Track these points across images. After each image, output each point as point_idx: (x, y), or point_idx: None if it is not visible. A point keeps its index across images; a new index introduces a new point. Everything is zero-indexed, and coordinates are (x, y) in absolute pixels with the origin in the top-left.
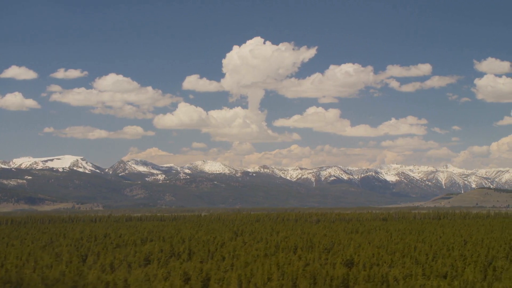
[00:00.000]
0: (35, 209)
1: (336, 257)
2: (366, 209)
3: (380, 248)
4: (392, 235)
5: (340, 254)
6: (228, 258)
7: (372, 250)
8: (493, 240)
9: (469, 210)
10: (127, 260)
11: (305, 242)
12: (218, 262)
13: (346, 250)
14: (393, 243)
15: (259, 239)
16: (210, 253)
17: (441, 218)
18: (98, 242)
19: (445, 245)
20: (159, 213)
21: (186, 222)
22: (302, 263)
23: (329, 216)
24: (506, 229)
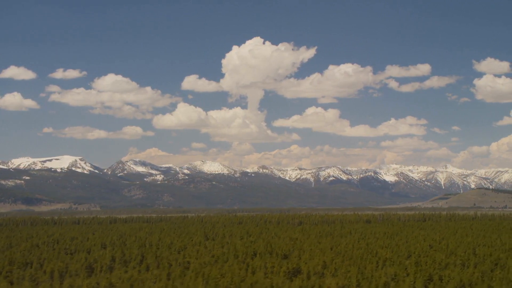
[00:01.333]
0: (32, 210)
1: (285, 265)
2: (365, 209)
3: (338, 254)
4: (360, 240)
5: (292, 261)
6: (173, 266)
7: (329, 256)
8: (461, 245)
9: (465, 210)
10: (68, 268)
11: (266, 248)
12: (159, 271)
13: (301, 256)
14: (355, 249)
15: (224, 243)
16: (158, 260)
17: (426, 220)
18: (56, 247)
19: (407, 250)
20: (154, 214)
21: (167, 224)
22: (236, 274)
23: (313, 218)
24: (485, 232)
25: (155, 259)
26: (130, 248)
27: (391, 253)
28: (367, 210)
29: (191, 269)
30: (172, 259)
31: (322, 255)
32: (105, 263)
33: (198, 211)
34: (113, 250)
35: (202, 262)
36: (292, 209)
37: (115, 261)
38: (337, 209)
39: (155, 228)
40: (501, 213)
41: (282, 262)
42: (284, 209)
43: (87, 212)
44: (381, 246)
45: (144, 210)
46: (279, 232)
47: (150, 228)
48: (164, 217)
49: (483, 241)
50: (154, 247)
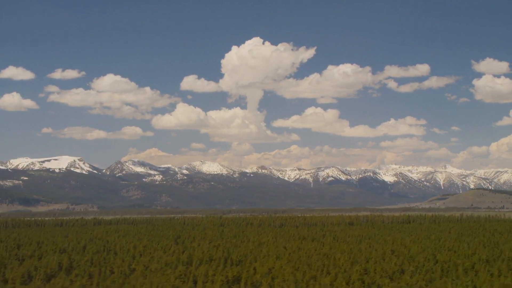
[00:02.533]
0: (30, 210)
1: (229, 272)
2: (361, 209)
3: (290, 261)
4: (325, 244)
5: (238, 268)
6: (115, 274)
7: (281, 262)
8: (427, 249)
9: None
10: (5, 277)
11: (223, 253)
12: (90, 280)
13: (253, 263)
14: (315, 254)
15: (188, 247)
16: (100, 267)
17: (411, 222)
18: (13, 253)
19: (366, 256)
20: (148, 215)
21: (147, 226)
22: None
23: (296, 220)
24: (461, 235)
25: (100, 266)
26: (83, 254)
27: (348, 259)
28: (364, 211)
29: (120, 277)
30: (117, 266)
31: (274, 261)
32: (46, 271)
33: (195, 212)
34: (62, 256)
35: (148, 269)
36: (289, 210)
37: (61, 268)
38: (334, 210)
39: (132, 230)
40: (492, 214)
41: (228, 270)
42: (280, 210)
43: (84, 213)
44: (343, 251)
45: (139, 210)
46: (252, 235)
47: (126, 230)
48: (150, 218)
49: (450, 245)
50: (111, 252)
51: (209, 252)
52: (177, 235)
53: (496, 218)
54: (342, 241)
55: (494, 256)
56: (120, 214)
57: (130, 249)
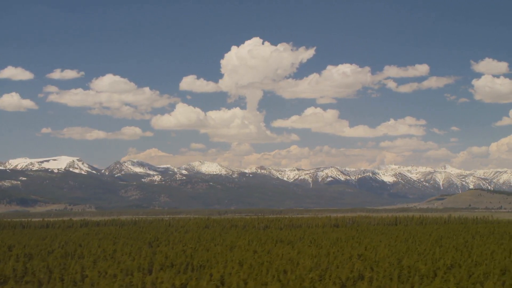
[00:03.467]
0: (27, 211)
1: (179, 279)
2: (357, 210)
3: (250, 267)
4: (296, 248)
5: (193, 275)
6: (65, 281)
7: (238, 268)
8: (394, 254)
9: (459, 211)
10: None
11: (185, 258)
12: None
13: (212, 268)
14: (278, 259)
15: (159, 251)
16: (49, 274)
17: (397, 223)
18: None
19: (329, 261)
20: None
21: (131, 228)
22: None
23: (281, 222)
24: (440, 238)
25: (55, 272)
26: (46, 259)
27: (311, 263)
28: (360, 211)
29: (69, 285)
30: (72, 272)
31: (233, 267)
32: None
33: (192, 212)
34: (9, 263)
35: (101, 276)
36: (286, 211)
37: (16, 275)
38: (332, 210)
39: (113, 233)
40: (484, 215)
41: (181, 276)
42: (277, 211)
43: (81, 213)
44: (311, 255)
45: (136, 211)
46: (230, 238)
47: (107, 233)
48: (138, 219)
49: (422, 248)
50: (76, 257)
51: (172, 257)
52: (155, 238)
53: (484, 220)
54: (316, 244)
55: (460, 261)
56: (116, 215)
57: (98, 253)
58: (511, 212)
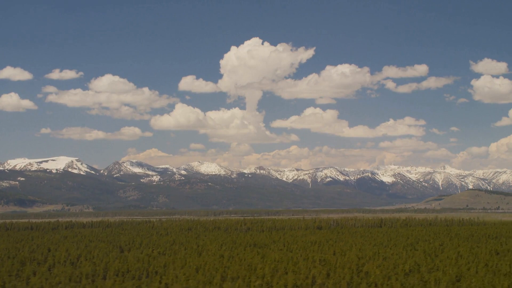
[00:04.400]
0: (25, 211)
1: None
2: (353, 211)
3: (203, 274)
4: (261, 253)
5: (139, 282)
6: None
7: (188, 274)
8: (360, 259)
9: (454, 212)
10: None
11: (142, 264)
12: None
13: (164, 275)
14: (238, 264)
15: (117, 257)
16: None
17: (382, 225)
18: None
19: (286, 267)
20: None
21: (114, 230)
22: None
23: (264, 223)
24: (417, 241)
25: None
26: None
27: (268, 269)
28: (356, 212)
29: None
30: (10, 281)
31: (184, 274)
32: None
33: (189, 213)
34: None
35: (42, 283)
36: (281, 211)
37: None
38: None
39: (91, 235)
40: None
41: (125, 284)
42: (273, 211)
43: (78, 214)
44: (274, 260)
45: (130, 212)
46: (203, 242)
47: (85, 235)
48: (127, 220)
49: (390, 253)
50: (35, 263)
51: (130, 263)
52: (131, 241)
53: (470, 222)
54: (287, 248)
55: (421, 267)
56: (111, 216)
57: (61, 258)
58: (506, 213)
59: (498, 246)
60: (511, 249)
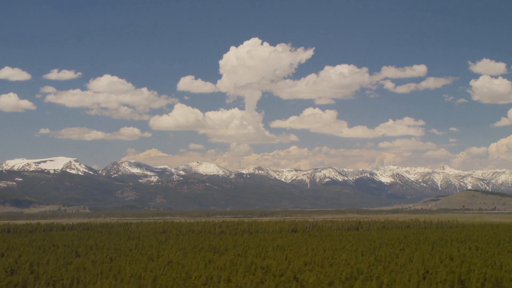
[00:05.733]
0: (22, 212)
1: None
2: (347, 211)
3: (130, 281)
4: (212, 258)
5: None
6: None
7: (114, 283)
8: (306, 265)
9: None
10: None
11: (77, 272)
12: None
13: (93, 284)
14: (175, 272)
15: (63, 263)
16: None
17: (359, 228)
18: None
19: (221, 273)
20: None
21: (90, 233)
22: None
23: (240, 226)
24: (380, 245)
25: None
26: None
27: (204, 277)
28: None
29: None
30: None
31: (111, 282)
32: None
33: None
34: None
35: None
36: (276, 212)
37: None
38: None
39: (59, 239)
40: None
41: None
42: (268, 212)
43: (74, 215)
44: (216, 267)
45: (124, 212)
46: (164, 247)
47: (52, 239)
48: (110, 222)
49: (340, 258)
50: None
51: (67, 272)
52: (94, 245)
53: (449, 224)
54: (244, 253)
55: (360, 275)
56: (104, 216)
57: (10, 264)
58: (501, 214)
59: (455, 251)
60: (467, 254)
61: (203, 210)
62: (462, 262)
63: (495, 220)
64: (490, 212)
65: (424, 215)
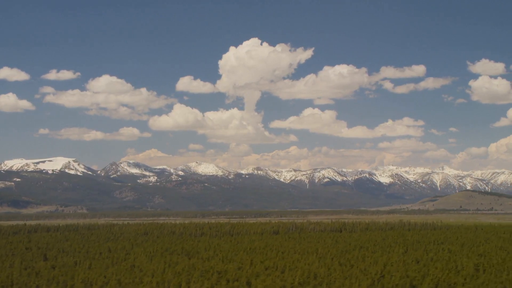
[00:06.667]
0: (19, 212)
1: None
2: (349, 212)
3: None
4: (169, 262)
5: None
6: None
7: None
8: (267, 269)
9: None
10: None
11: (35, 277)
12: None
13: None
14: (131, 275)
15: (22, 268)
16: None
17: (342, 230)
18: None
19: (177, 278)
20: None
21: (69, 235)
22: None
23: (223, 227)
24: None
25: None
26: None
27: (155, 280)
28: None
29: None
30: None
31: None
32: None
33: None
34: None
35: None
36: (271, 212)
37: None
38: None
39: (35, 241)
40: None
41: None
42: (264, 212)
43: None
44: (173, 272)
45: (119, 213)
46: (138, 249)
47: (29, 241)
48: (96, 224)
49: (302, 263)
50: None
51: (22, 277)
52: (69, 247)
53: (433, 226)
54: (209, 257)
55: (314, 279)
56: (98, 217)
57: None
58: (497, 214)
59: (425, 254)
60: (434, 257)
61: (201, 210)
62: (423, 266)
63: (487, 221)
64: (487, 212)
65: (419, 216)
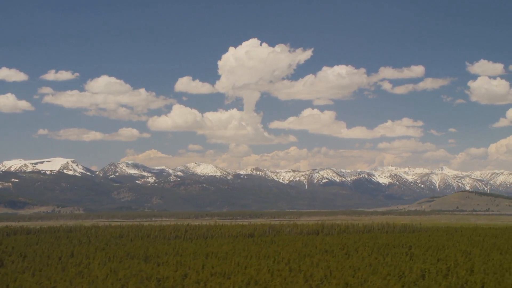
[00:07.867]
0: (17, 213)
1: None
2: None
3: None
4: (132, 264)
5: None
6: None
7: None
8: (222, 272)
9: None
10: None
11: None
12: None
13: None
14: (84, 279)
15: None
16: None
17: (319, 232)
18: None
19: (129, 282)
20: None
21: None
22: None
23: (199, 230)
24: (318, 252)
25: None
26: None
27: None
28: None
29: None
30: None
31: None
32: None
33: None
34: None
35: None
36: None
37: None
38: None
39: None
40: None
41: None
42: (258, 213)
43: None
44: (117, 279)
45: (113, 214)
46: (106, 254)
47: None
48: (81, 225)
49: (266, 265)
50: None
51: None
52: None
53: (412, 228)
54: (164, 262)
55: (257, 285)
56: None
57: None
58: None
59: (382, 259)
60: (389, 262)
61: (198, 211)
62: (373, 271)
63: (478, 222)
64: (482, 213)
65: (413, 217)
